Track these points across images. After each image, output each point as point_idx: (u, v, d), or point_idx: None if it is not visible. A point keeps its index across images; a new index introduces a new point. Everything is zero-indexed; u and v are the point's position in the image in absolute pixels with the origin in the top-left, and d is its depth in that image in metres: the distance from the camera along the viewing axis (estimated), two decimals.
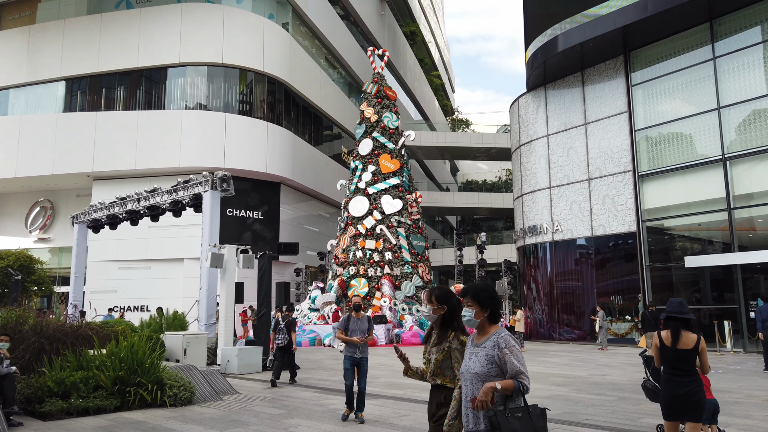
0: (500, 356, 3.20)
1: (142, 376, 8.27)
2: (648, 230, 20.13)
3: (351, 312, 8.01)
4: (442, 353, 3.74)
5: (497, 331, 3.33)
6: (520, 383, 3.15)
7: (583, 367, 13.55)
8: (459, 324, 3.73)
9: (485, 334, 3.35)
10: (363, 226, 27.27)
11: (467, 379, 3.30)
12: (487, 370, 3.22)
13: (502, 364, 3.20)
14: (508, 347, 3.20)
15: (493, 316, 3.38)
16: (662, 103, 20.00)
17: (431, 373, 3.83)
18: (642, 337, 14.91)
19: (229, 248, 13.65)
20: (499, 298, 3.47)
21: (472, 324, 3.40)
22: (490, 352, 3.25)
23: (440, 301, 3.79)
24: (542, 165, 23.65)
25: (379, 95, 29.56)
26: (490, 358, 3.23)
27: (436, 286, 4.04)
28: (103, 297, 28.77)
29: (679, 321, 4.56)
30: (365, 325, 7.72)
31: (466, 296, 3.43)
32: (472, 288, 3.47)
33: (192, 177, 16.85)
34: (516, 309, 20.06)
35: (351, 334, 7.61)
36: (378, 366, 14.04)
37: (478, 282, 3.77)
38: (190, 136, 28.79)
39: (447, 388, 3.71)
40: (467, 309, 3.40)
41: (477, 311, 3.37)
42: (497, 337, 3.28)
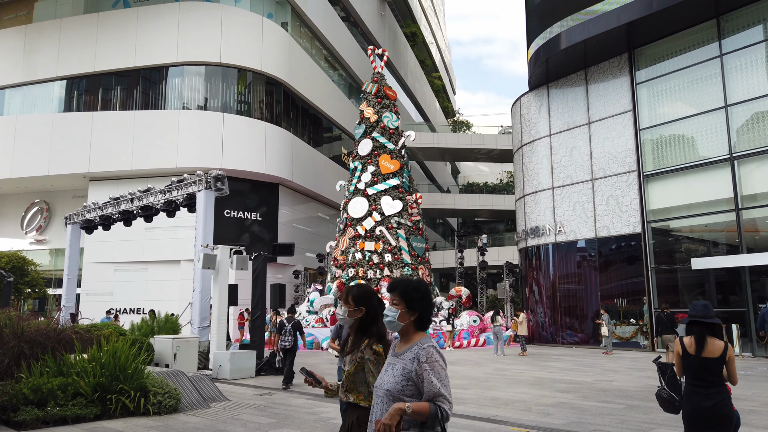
0: (418, 372, 2.64)
1: (125, 383, 7.83)
2: (653, 231, 19.67)
3: None
4: (355, 365, 3.15)
5: (422, 340, 2.74)
6: (437, 408, 2.58)
7: (588, 372, 13.10)
8: (377, 330, 3.16)
9: (407, 343, 2.78)
10: (362, 227, 26.83)
11: (378, 396, 2.75)
12: (401, 387, 2.66)
13: (419, 381, 2.64)
14: (429, 362, 2.63)
15: (420, 322, 2.79)
16: (668, 102, 19.56)
17: (344, 389, 3.22)
18: (655, 340, 14.46)
19: (222, 249, 13.23)
20: (432, 302, 2.89)
21: (394, 327, 2.81)
22: (408, 365, 2.68)
23: (358, 301, 3.19)
24: (545, 165, 23.21)
25: (378, 95, 29.15)
26: (406, 373, 2.67)
27: (354, 284, 3.53)
28: (99, 299, 28.40)
29: (704, 326, 4.10)
30: None
31: (392, 292, 2.85)
32: (402, 283, 2.87)
33: (186, 176, 16.44)
34: (518, 312, 19.64)
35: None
36: None
37: (411, 278, 3.24)
38: (188, 137, 28.42)
39: (361, 407, 3.10)
40: (391, 308, 2.81)
41: (402, 312, 2.77)
42: (419, 348, 2.69)
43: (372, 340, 3.12)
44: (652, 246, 19.59)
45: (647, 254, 19.56)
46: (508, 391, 10.03)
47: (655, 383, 10.58)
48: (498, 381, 11.52)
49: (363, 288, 3.29)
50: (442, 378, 2.62)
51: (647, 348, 19.34)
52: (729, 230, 18.04)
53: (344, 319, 3.26)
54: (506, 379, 11.74)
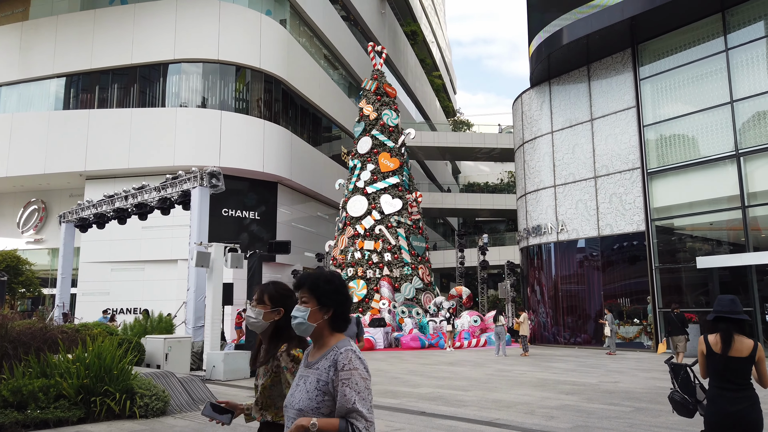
0: (334, 382, 2.18)
1: (110, 384, 7.49)
2: (657, 230, 19.32)
3: None
4: (270, 376, 2.66)
5: (339, 343, 2.27)
6: (349, 425, 2.12)
7: (592, 373, 12.75)
8: (297, 334, 2.54)
9: (322, 348, 2.30)
10: (361, 226, 26.52)
11: (289, 418, 2.27)
12: (316, 404, 2.19)
13: (335, 393, 2.18)
14: (348, 368, 2.17)
15: (336, 321, 2.32)
16: (672, 98, 19.22)
17: (259, 406, 2.70)
18: (663, 340, 14.08)
19: (216, 247, 12.90)
20: (350, 297, 2.43)
21: (305, 329, 2.31)
22: (323, 375, 2.21)
23: (275, 301, 2.70)
24: (546, 163, 22.87)
25: (378, 92, 28.84)
26: (322, 385, 2.20)
27: (270, 281, 2.92)
28: (95, 299, 28.07)
29: (731, 323, 3.74)
30: (352, 329, 6.71)
31: (300, 288, 2.37)
32: (310, 277, 2.38)
33: (180, 173, 16.12)
34: (520, 311, 19.29)
35: None
36: (373, 372, 13.25)
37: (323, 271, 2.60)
38: (185, 135, 28.09)
39: (280, 425, 2.60)
40: (300, 307, 2.32)
41: (314, 311, 2.29)
42: (336, 353, 2.23)
43: (291, 344, 2.62)
44: (656, 245, 19.25)
45: (651, 253, 19.22)
46: (511, 393, 9.69)
47: (663, 384, 10.22)
48: (500, 382, 11.18)
49: (280, 286, 2.77)
50: (360, 390, 2.16)
51: (651, 348, 18.99)
52: (735, 228, 17.69)
53: (257, 323, 2.71)
54: (508, 381, 11.40)
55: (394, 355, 18.74)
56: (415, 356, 18.02)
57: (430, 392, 9.89)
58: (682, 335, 13.59)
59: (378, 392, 9.93)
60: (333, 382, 2.18)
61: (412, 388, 10.37)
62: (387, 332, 22.49)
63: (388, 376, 12.43)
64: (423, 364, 15.22)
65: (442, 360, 16.42)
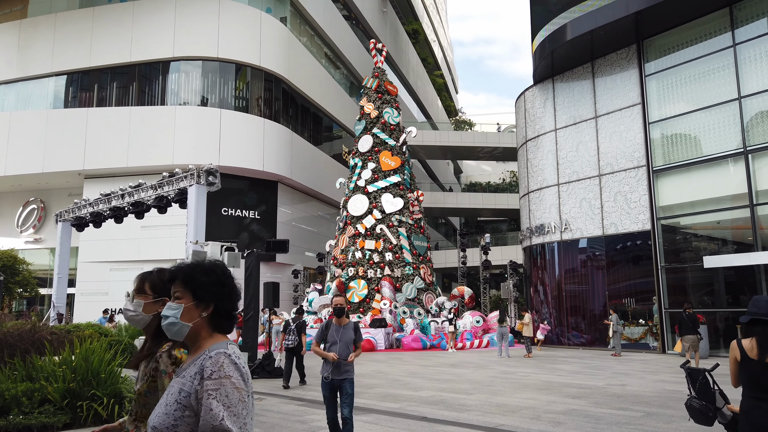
0: (198, 393, 1.76)
1: (97, 389, 7.19)
2: (663, 229, 18.97)
3: (332, 317, 6.03)
4: (147, 381, 2.24)
5: (213, 346, 1.86)
6: None
7: (598, 375, 12.42)
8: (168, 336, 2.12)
9: (197, 352, 1.89)
10: (362, 225, 26.21)
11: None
12: (172, 420, 1.77)
13: (198, 408, 1.76)
14: (217, 376, 1.75)
15: (218, 319, 1.92)
16: (678, 94, 18.87)
17: (133, 417, 2.28)
18: (678, 341, 13.72)
19: (212, 246, 12.59)
20: (236, 289, 2.01)
21: (178, 332, 1.89)
22: (186, 385, 1.81)
23: (158, 290, 2.30)
24: (550, 161, 22.53)
25: (379, 90, 28.52)
26: (183, 397, 1.79)
27: (154, 269, 2.45)
28: (94, 299, 27.82)
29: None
30: (349, 334, 5.81)
31: (173, 282, 1.97)
32: (184, 268, 1.97)
33: (177, 171, 15.83)
34: (523, 312, 18.96)
35: (330, 348, 5.73)
36: (373, 374, 12.94)
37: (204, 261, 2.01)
38: (184, 133, 27.83)
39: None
40: (171, 304, 1.92)
41: (188, 307, 1.89)
42: (205, 357, 1.81)
43: (176, 343, 2.18)
44: (662, 244, 18.90)
45: (657, 252, 18.87)
46: (515, 397, 9.37)
47: (673, 388, 9.89)
48: (503, 385, 10.85)
49: (165, 273, 2.22)
50: (231, 403, 1.72)
51: (657, 350, 18.65)
52: (742, 227, 17.34)
53: (136, 317, 2.31)
54: (512, 383, 11.07)
55: (395, 356, 18.42)
56: (416, 357, 17.70)
57: (432, 396, 9.57)
58: (693, 335, 13.23)
59: (378, 396, 9.61)
60: (197, 393, 1.76)
61: (413, 392, 10.06)
62: (388, 333, 22.18)
63: (388, 378, 12.11)
64: (424, 365, 14.90)
65: (443, 361, 16.10)
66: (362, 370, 13.64)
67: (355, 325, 6.02)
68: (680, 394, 9.43)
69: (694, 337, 13.16)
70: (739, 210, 17.09)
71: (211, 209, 28.52)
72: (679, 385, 10.66)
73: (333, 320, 5.98)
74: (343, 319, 5.96)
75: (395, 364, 15.49)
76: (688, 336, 13.25)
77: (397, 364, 15.48)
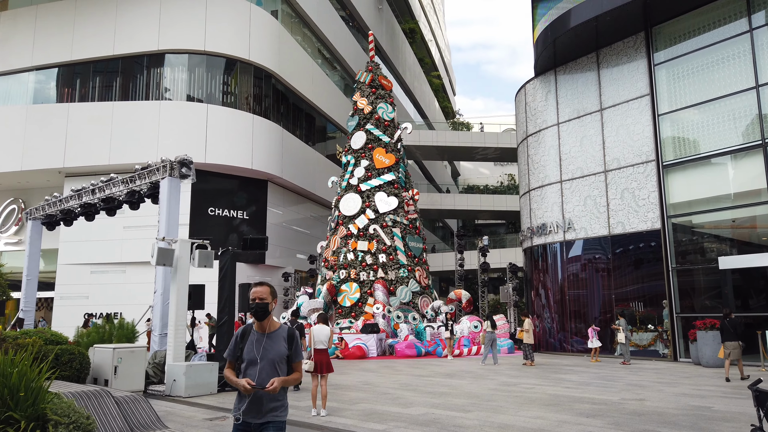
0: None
1: (15, 410, 5.90)
2: (674, 228, 17.76)
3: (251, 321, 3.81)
4: None
5: None
6: None
7: (609, 387, 11.18)
8: None
9: None
10: (355, 225, 24.97)
11: None
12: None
13: None
14: None
15: None
16: (690, 84, 17.68)
17: None
18: (721, 347, 12.52)
19: (181, 243, 11.33)
20: None
21: None
22: None
23: None
24: (552, 157, 21.33)
25: (373, 85, 27.33)
26: None
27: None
28: (75, 303, 26.56)
29: None
30: (278, 348, 3.59)
31: None
32: None
33: (149, 162, 14.63)
34: (524, 317, 17.74)
35: (246, 370, 3.56)
36: (360, 386, 11.67)
37: None
38: (169, 129, 26.60)
39: None
40: None
41: None
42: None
43: None
44: (673, 244, 17.68)
45: (668, 253, 17.65)
46: (520, 415, 8.12)
47: (698, 403, 8.62)
48: (505, 400, 9.60)
49: None
50: None
51: (668, 357, 17.40)
52: (761, 225, 16.15)
53: None
54: (515, 398, 9.82)
55: (387, 364, 17.15)
56: (409, 366, 16.44)
57: (424, 414, 8.31)
58: (735, 341, 12.11)
59: (361, 414, 8.35)
60: None
61: (403, 408, 8.80)
62: (381, 339, 20.91)
63: (376, 391, 10.84)
64: (418, 375, 13.64)
65: (438, 371, 14.83)
66: (348, 381, 12.37)
67: (290, 333, 3.72)
68: (709, 412, 8.19)
69: (735, 344, 12.05)
70: (758, 207, 15.88)
71: (198, 209, 27.36)
72: (703, 399, 9.42)
73: (254, 325, 3.71)
74: (267, 322, 3.64)
75: (386, 373, 14.23)
76: (730, 342, 12.14)
77: (388, 373, 14.22)
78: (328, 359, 8.18)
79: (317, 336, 8.13)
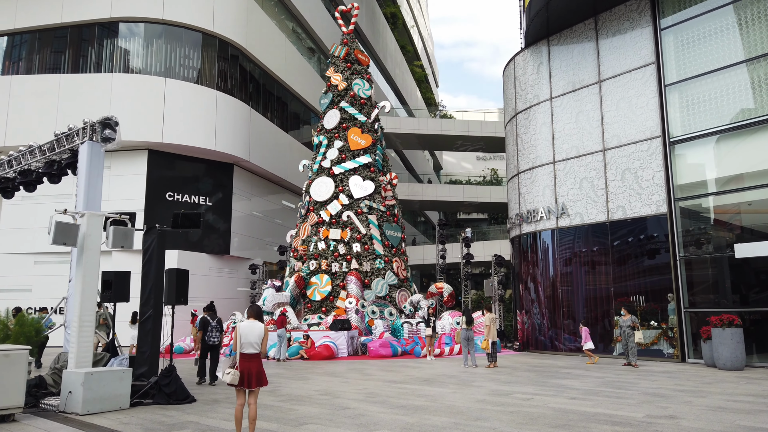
0: None
1: None
2: (682, 212, 15.79)
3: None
4: None
5: None
6: None
7: (625, 398, 9.09)
8: None
9: None
10: (327, 212, 22.68)
11: None
12: None
13: None
14: None
15: None
16: (701, 50, 15.69)
17: None
18: None
19: (90, 217, 8.95)
20: None
21: None
22: None
23: None
24: (544, 135, 19.26)
25: (348, 59, 25.00)
26: None
27: None
28: (16, 297, 23.86)
29: None
30: None
31: None
32: None
33: (70, 126, 12.23)
34: (486, 311, 15.33)
35: None
36: (317, 396, 9.42)
37: None
38: (122, 105, 24.03)
39: None
40: None
41: None
42: None
43: None
44: (681, 230, 15.70)
45: (674, 240, 15.68)
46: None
47: (749, 423, 6.37)
48: (499, 418, 7.43)
49: None
50: None
51: (675, 358, 15.44)
52: None
53: None
54: (511, 414, 7.67)
55: (358, 366, 14.94)
56: (383, 368, 14.24)
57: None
58: None
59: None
60: None
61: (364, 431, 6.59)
62: (353, 337, 18.68)
63: (335, 404, 8.60)
64: (390, 381, 11.44)
65: (416, 375, 12.65)
66: (305, 390, 10.12)
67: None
68: None
69: None
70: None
71: (154, 193, 24.77)
72: (750, 417, 7.36)
73: None
74: None
75: (354, 378, 12.01)
76: None
77: (356, 378, 11.99)
78: (260, 368, 5.92)
79: (246, 336, 5.86)
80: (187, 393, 8.88)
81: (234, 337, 5.99)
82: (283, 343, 16.59)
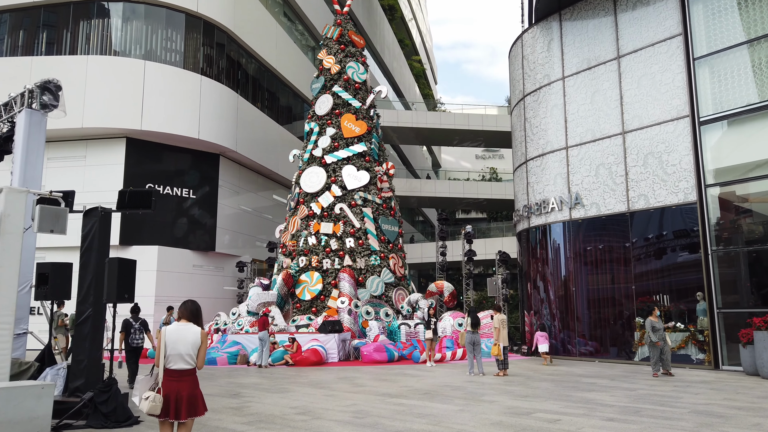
0: None
1: None
2: (715, 200, 14.06)
3: None
4: None
5: None
6: None
7: (674, 418, 7.36)
8: None
9: None
10: (318, 204, 20.92)
11: None
12: None
13: None
14: None
15: None
16: (735, 18, 13.99)
17: None
18: None
19: (9, 192, 7.16)
20: None
21: None
22: None
23: None
24: (555, 118, 17.54)
25: (342, 41, 23.26)
26: None
27: None
28: None
29: None
30: None
31: None
32: None
33: (10, 94, 10.53)
34: (494, 311, 13.61)
35: None
36: (291, 417, 7.65)
37: None
38: (98, 89, 22.34)
39: None
40: None
41: None
42: None
43: None
44: (714, 221, 13.99)
45: (706, 232, 13.96)
46: None
47: None
48: None
49: None
50: None
51: (707, 364, 13.71)
52: None
53: None
54: None
55: (348, 373, 13.18)
56: (377, 376, 12.49)
57: None
58: None
59: None
60: None
61: None
62: (344, 340, 16.93)
63: (311, 428, 6.84)
64: (385, 395, 9.69)
65: (414, 386, 10.89)
66: (280, 407, 8.36)
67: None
68: None
69: None
70: None
71: (133, 182, 22.97)
72: None
73: None
74: None
75: (342, 390, 10.25)
76: None
77: (344, 390, 10.23)
78: (194, 390, 4.14)
79: (174, 344, 4.09)
80: (129, 413, 7.13)
81: (158, 347, 4.20)
82: (265, 348, 14.81)
